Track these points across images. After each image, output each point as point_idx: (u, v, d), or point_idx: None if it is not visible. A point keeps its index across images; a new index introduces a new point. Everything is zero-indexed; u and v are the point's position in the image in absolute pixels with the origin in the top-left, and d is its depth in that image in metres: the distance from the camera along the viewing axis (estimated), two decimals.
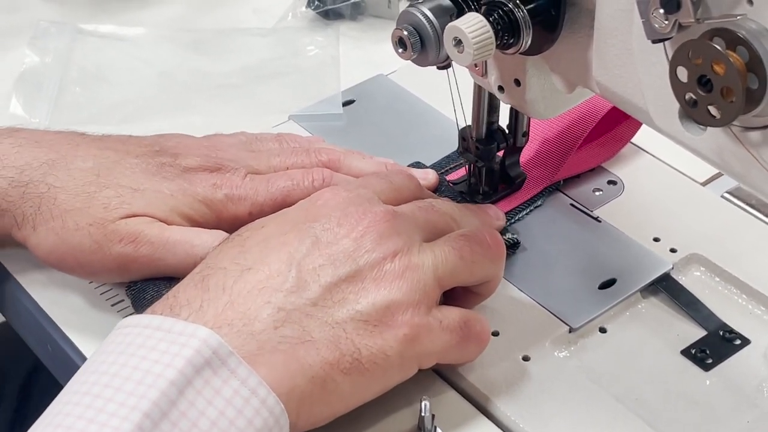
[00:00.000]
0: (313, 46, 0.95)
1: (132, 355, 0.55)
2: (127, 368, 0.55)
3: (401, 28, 0.63)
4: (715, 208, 0.77)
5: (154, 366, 0.54)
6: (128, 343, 0.56)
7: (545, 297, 0.70)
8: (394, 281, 0.61)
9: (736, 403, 0.65)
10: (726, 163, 0.54)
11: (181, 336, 0.56)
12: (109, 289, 0.71)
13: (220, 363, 0.55)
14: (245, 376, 0.55)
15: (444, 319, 0.62)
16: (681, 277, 0.72)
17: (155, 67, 0.93)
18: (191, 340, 0.55)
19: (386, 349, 0.60)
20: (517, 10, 0.60)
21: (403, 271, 0.61)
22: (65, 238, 0.67)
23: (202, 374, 0.55)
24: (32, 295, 0.71)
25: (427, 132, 0.84)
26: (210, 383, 0.55)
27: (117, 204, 0.68)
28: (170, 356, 0.55)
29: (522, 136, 0.75)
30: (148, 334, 0.56)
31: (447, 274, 0.63)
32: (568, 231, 0.75)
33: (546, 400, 0.64)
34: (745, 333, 0.68)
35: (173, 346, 0.55)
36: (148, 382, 0.54)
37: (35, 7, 1.00)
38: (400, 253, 0.61)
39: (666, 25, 0.51)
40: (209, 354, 0.55)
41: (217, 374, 0.55)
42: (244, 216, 0.70)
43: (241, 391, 0.55)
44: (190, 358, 0.55)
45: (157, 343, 0.56)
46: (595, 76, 0.61)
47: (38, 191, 0.68)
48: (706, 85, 0.51)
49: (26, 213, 0.68)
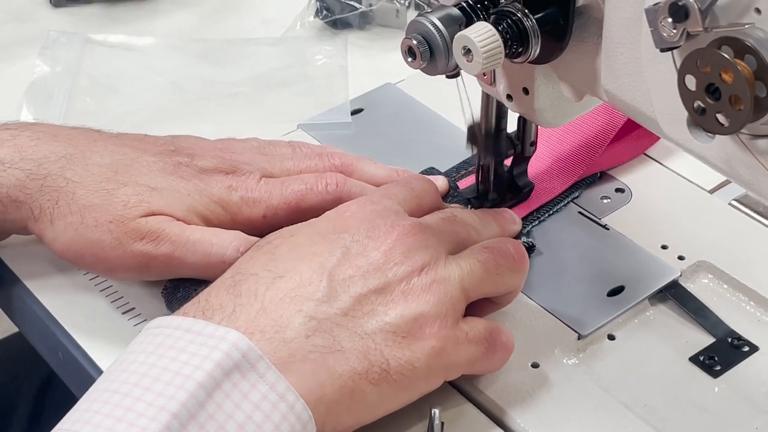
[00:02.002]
0: (321, 55, 0.95)
1: (162, 356, 0.56)
2: (156, 368, 0.55)
3: (410, 37, 0.63)
4: (722, 216, 0.77)
5: (184, 367, 0.55)
6: (158, 343, 0.57)
7: (554, 304, 0.70)
8: (421, 294, 0.61)
9: (745, 409, 0.65)
10: (734, 171, 0.54)
11: (211, 339, 0.56)
12: (120, 297, 0.71)
13: (249, 367, 0.56)
14: (274, 380, 0.56)
15: (470, 330, 0.63)
16: (689, 284, 0.72)
17: (165, 76, 0.93)
18: (221, 343, 0.56)
19: (414, 360, 0.60)
20: (525, 19, 0.60)
21: (431, 284, 0.62)
22: (84, 234, 0.68)
23: (231, 377, 0.55)
24: (43, 302, 0.72)
25: (436, 140, 0.84)
26: (238, 387, 0.55)
27: (136, 202, 0.68)
28: (200, 358, 0.55)
29: (530, 146, 0.75)
30: (179, 336, 0.57)
31: (473, 287, 0.64)
32: (576, 239, 0.75)
33: (555, 407, 0.64)
34: (753, 340, 0.68)
35: (203, 349, 0.56)
36: (177, 383, 0.54)
37: (45, 17, 1.01)
38: (427, 266, 0.62)
39: (674, 33, 0.51)
40: (238, 357, 0.55)
41: (245, 378, 0.55)
42: (258, 219, 0.71)
43: (270, 395, 0.55)
44: (219, 361, 0.55)
45: (187, 345, 0.56)
46: (603, 84, 0.61)
47: (57, 185, 0.68)
48: (714, 94, 0.51)
49: (44, 206, 0.68)
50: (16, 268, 0.74)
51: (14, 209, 0.69)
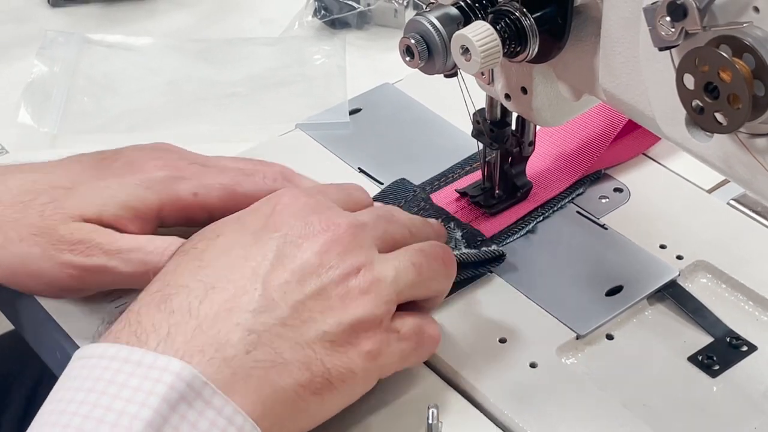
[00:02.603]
0: (319, 55, 0.95)
1: (103, 392, 0.53)
2: (99, 409, 0.52)
3: (409, 36, 0.63)
4: (721, 215, 0.77)
5: (128, 406, 0.52)
6: (96, 378, 0.54)
7: (552, 304, 0.70)
8: (358, 298, 0.60)
9: (743, 409, 0.65)
10: (732, 170, 0.54)
11: (152, 370, 0.53)
12: (119, 297, 0.71)
13: (195, 395, 0.53)
14: (221, 405, 0.54)
15: (401, 328, 0.62)
16: (687, 283, 0.72)
17: (163, 76, 0.93)
18: (164, 375, 0.53)
19: (353, 367, 0.59)
20: (523, 18, 0.60)
21: (368, 286, 0.60)
22: (11, 250, 0.66)
23: (177, 409, 0.52)
24: (41, 302, 0.71)
25: (434, 140, 0.84)
26: (186, 418, 0.53)
27: (52, 210, 0.66)
28: (144, 394, 0.52)
29: (528, 145, 0.75)
30: (117, 368, 0.54)
31: (406, 289, 0.62)
32: (574, 238, 0.75)
33: (553, 407, 0.64)
34: (751, 339, 0.68)
35: (146, 382, 0.53)
36: (123, 424, 0.52)
37: (43, 17, 1.01)
38: (363, 267, 0.60)
39: (673, 32, 0.51)
40: (183, 388, 0.53)
41: (192, 407, 0.53)
42: (189, 197, 0.68)
43: (218, 421, 0.53)
44: (164, 395, 0.52)
45: (128, 378, 0.53)
46: (601, 83, 0.61)
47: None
48: (712, 92, 0.51)
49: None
50: None
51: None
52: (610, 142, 0.79)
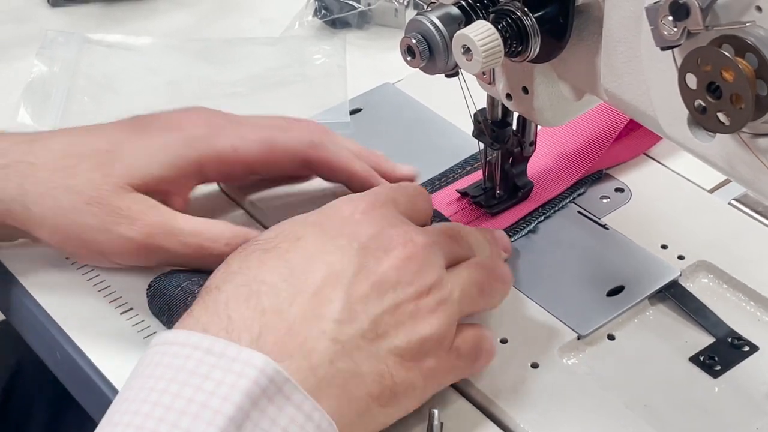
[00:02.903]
0: (320, 54, 0.95)
1: (184, 383, 0.53)
2: (180, 400, 0.52)
3: (410, 36, 0.63)
4: (722, 215, 0.77)
5: (211, 399, 0.52)
6: (178, 367, 0.54)
7: (553, 304, 0.70)
8: (427, 317, 0.61)
9: (745, 409, 0.65)
10: (735, 170, 0.54)
11: (235, 363, 0.54)
12: (119, 297, 0.71)
13: (276, 390, 0.54)
14: (300, 401, 0.54)
15: (462, 344, 0.63)
16: (689, 284, 0.72)
17: (163, 76, 0.93)
18: (247, 369, 0.53)
19: (415, 381, 0.60)
20: (525, 18, 0.60)
21: (437, 306, 0.61)
22: (67, 217, 0.66)
23: (258, 405, 0.53)
24: (40, 302, 0.71)
25: (435, 140, 0.84)
26: (266, 413, 0.53)
27: (100, 179, 0.66)
28: (227, 387, 0.53)
29: (529, 145, 0.75)
30: (199, 358, 0.54)
31: (468, 306, 0.64)
32: (575, 238, 0.75)
33: (555, 408, 0.64)
34: (753, 339, 0.68)
35: (229, 375, 0.53)
36: (206, 417, 0.52)
37: (43, 17, 1.01)
38: (434, 287, 0.61)
39: (675, 32, 0.51)
40: (266, 383, 0.53)
41: (273, 402, 0.53)
42: (228, 151, 0.69)
43: (297, 417, 0.54)
44: (247, 390, 0.53)
45: (210, 370, 0.53)
46: (603, 83, 0.61)
47: (19, 171, 0.67)
48: (715, 92, 0.51)
49: (12, 194, 0.67)
50: (14, 268, 0.74)
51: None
52: (611, 142, 0.79)
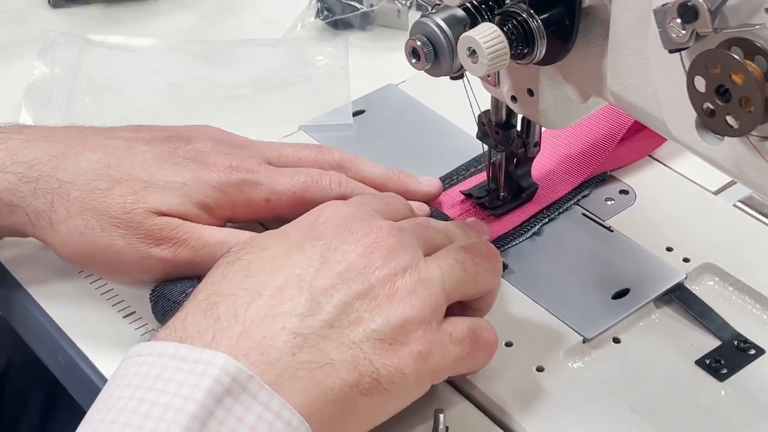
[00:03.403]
0: (322, 56, 0.94)
1: (149, 388, 0.54)
2: (145, 404, 0.53)
3: (414, 38, 0.62)
4: (727, 217, 0.76)
5: (174, 399, 0.53)
6: (144, 374, 0.54)
7: (558, 308, 0.70)
8: (406, 297, 0.60)
9: (752, 413, 0.64)
10: (743, 173, 0.54)
11: (198, 364, 0.54)
12: (121, 301, 0.71)
13: (241, 389, 0.54)
14: (267, 399, 0.54)
15: (454, 331, 0.62)
16: (694, 286, 0.72)
17: (164, 77, 0.93)
18: (209, 369, 0.54)
19: (403, 367, 0.59)
20: (531, 20, 0.60)
21: (415, 286, 0.60)
22: (93, 239, 0.67)
23: (223, 403, 0.53)
24: (44, 307, 0.71)
25: (438, 142, 0.84)
26: (232, 411, 0.53)
27: (133, 202, 0.67)
28: (189, 388, 0.53)
29: (534, 147, 0.74)
30: (164, 364, 0.54)
31: (453, 287, 0.63)
32: (580, 241, 0.75)
33: (560, 411, 0.64)
34: (759, 342, 0.68)
35: (191, 377, 0.53)
36: (168, 417, 0.52)
37: (44, 18, 1.00)
38: (409, 268, 0.61)
39: (683, 34, 0.51)
40: (229, 381, 0.54)
41: (238, 401, 0.53)
42: (261, 202, 0.70)
43: (265, 415, 0.54)
44: (209, 388, 0.53)
45: (174, 373, 0.54)
46: (609, 85, 0.60)
47: (49, 187, 0.68)
48: (724, 95, 0.50)
49: (39, 210, 0.67)
50: (18, 274, 0.73)
51: (8, 213, 0.68)
52: (616, 143, 0.78)
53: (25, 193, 0.67)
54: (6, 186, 0.67)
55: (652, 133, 0.72)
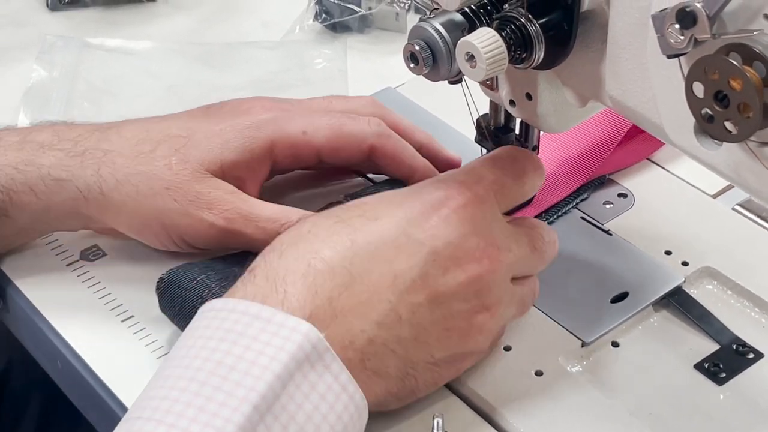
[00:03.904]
0: (320, 59, 0.95)
1: (234, 342, 0.55)
2: (231, 356, 0.55)
3: (413, 42, 0.62)
4: (726, 221, 0.76)
5: (260, 357, 0.54)
6: (227, 329, 0.56)
7: (557, 311, 0.70)
8: (476, 336, 0.62)
9: (751, 417, 0.64)
10: (742, 178, 0.54)
11: (282, 328, 0.56)
12: (119, 305, 0.71)
13: (318, 357, 0.56)
14: (338, 371, 0.56)
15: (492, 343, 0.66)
16: (693, 290, 0.72)
17: (163, 80, 0.93)
18: (294, 334, 0.55)
19: (440, 380, 0.63)
20: (529, 24, 0.60)
21: (488, 326, 0.63)
22: (146, 203, 0.68)
23: (302, 369, 0.55)
24: (42, 312, 0.71)
25: None
26: (308, 378, 0.55)
27: (178, 164, 0.68)
28: (275, 349, 0.55)
29: (532, 150, 0.74)
30: (247, 322, 0.56)
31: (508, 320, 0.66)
32: (578, 245, 0.75)
33: (559, 415, 0.64)
34: (758, 346, 0.68)
35: (276, 339, 0.55)
36: (255, 373, 0.54)
37: (42, 21, 1.00)
38: (492, 309, 0.62)
39: (682, 40, 0.51)
40: (310, 349, 0.55)
41: (314, 368, 0.55)
42: (298, 135, 0.71)
43: (334, 386, 0.56)
44: (293, 353, 0.55)
45: (259, 333, 0.55)
46: (608, 90, 0.60)
47: (95, 157, 0.69)
48: (722, 101, 0.50)
49: (89, 181, 0.68)
50: (15, 278, 0.73)
51: (59, 189, 0.69)
52: (614, 147, 0.78)
53: (73, 166, 0.69)
54: (54, 162, 0.69)
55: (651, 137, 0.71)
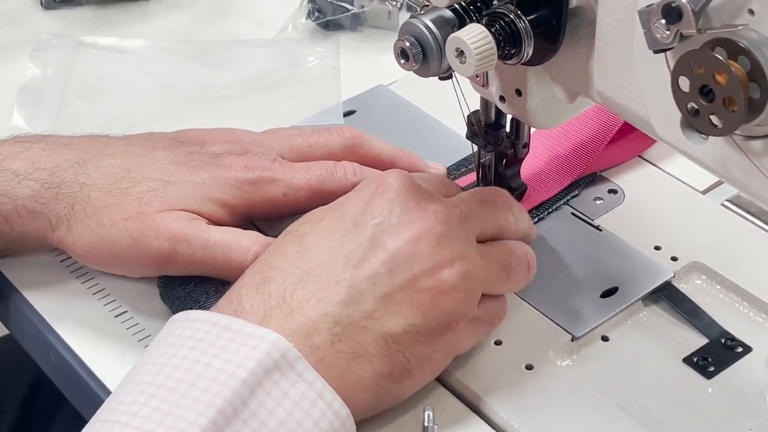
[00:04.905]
0: (313, 56, 0.95)
1: (204, 352, 0.57)
2: (199, 365, 0.56)
3: (403, 39, 0.63)
4: (715, 217, 0.77)
5: (227, 365, 0.56)
6: (198, 339, 0.58)
7: (547, 306, 0.70)
8: (449, 293, 0.61)
9: (739, 410, 0.65)
10: (728, 172, 0.54)
11: (251, 338, 0.57)
12: (113, 300, 0.71)
13: (288, 366, 0.57)
14: (312, 379, 0.57)
15: (483, 315, 0.65)
16: (682, 285, 0.72)
17: (157, 78, 0.93)
18: (261, 343, 0.57)
19: (432, 354, 0.62)
20: (518, 20, 0.60)
21: (460, 281, 0.62)
22: (101, 235, 0.68)
23: (271, 376, 0.56)
24: (35, 307, 0.71)
25: (429, 142, 0.84)
26: (279, 385, 0.56)
27: (151, 197, 0.68)
28: (241, 357, 0.56)
29: (523, 147, 0.75)
30: (218, 333, 0.58)
31: (492, 288, 0.65)
32: (569, 240, 0.75)
33: (549, 409, 0.64)
34: (746, 340, 0.68)
35: (244, 348, 0.57)
36: (221, 380, 0.55)
37: (36, 19, 1.00)
38: (457, 260, 0.62)
39: (668, 35, 0.51)
40: (278, 357, 0.57)
41: (285, 377, 0.56)
42: (279, 198, 0.71)
43: (308, 393, 0.57)
44: (260, 359, 0.56)
45: (228, 342, 0.57)
46: (596, 85, 0.61)
47: (71, 191, 0.68)
48: (708, 95, 0.51)
49: (60, 214, 0.68)
50: (9, 273, 0.74)
51: (31, 220, 0.69)
52: (605, 144, 0.79)
53: (47, 199, 0.68)
54: (28, 193, 0.68)
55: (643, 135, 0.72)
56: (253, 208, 0.71)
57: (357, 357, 0.59)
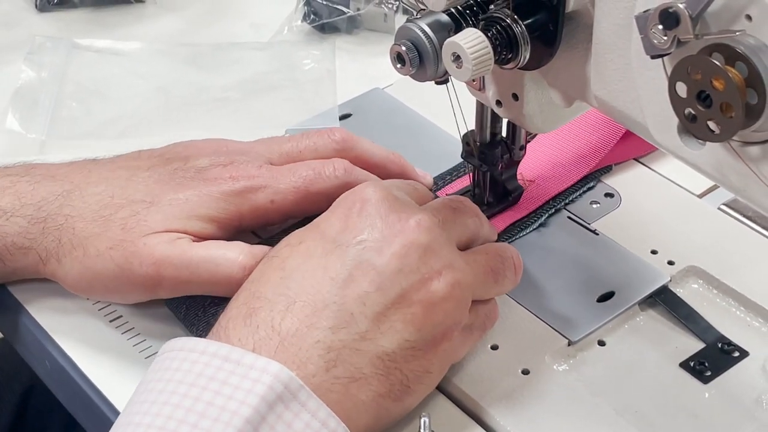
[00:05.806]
0: (309, 59, 0.95)
1: (204, 388, 0.55)
2: (200, 403, 0.54)
3: (399, 43, 0.63)
4: (712, 220, 0.77)
5: (229, 402, 0.54)
6: (197, 373, 0.56)
7: (544, 310, 0.70)
8: (440, 304, 0.61)
9: (735, 415, 0.65)
10: (725, 178, 0.54)
11: (252, 370, 0.56)
12: (107, 305, 0.71)
13: (291, 397, 0.55)
14: (315, 408, 0.56)
15: (475, 321, 0.64)
16: (679, 289, 0.72)
17: (152, 81, 0.93)
18: (263, 376, 0.55)
19: (429, 367, 0.61)
20: (515, 25, 0.60)
21: (450, 290, 0.61)
22: (89, 266, 0.67)
23: (275, 409, 0.55)
24: (30, 312, 0.71)
25: (424, 145, 0.84)
26: (282, 418, 0.55)
27: (134, 223, 0.67)
28: (244, 392, 0.55)
29: (519, 150, 0.75)
30: (218, 366, 0.56)
31: (481, 292, 0.65)
32: (565, 244, 0.75)
33: (546, 414, 0.64)
34: (743, 345, 0.68)
35: (245, 381, 0.55)
36: (224, 419, 0.54)
37: (31, 22, 1.00)
38: (445, 270, 0.61)
39: (665, 40, 0.51)
40: (281, 389, 0.55)
41: (288, 408, 0.55)
42: (266, 205, 0.69)
43: (312, 423, 0.55)
44: (263, 395, 0.55)
45: (228, 376, 0.55)
46: (593, 90, 0.61)
47: (57, 224, 0.68)
48: (705, 101, 0.51)
49: (49, 248, 0.68)
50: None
51: (21, 256, 0.69)
52: (605, 152, 0.79)
53: (35, 234, 0.68)
54: (17, 230, 0.68)
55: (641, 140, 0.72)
56: (242, 219, 0.69)
57: (354, 381, 0.58)
